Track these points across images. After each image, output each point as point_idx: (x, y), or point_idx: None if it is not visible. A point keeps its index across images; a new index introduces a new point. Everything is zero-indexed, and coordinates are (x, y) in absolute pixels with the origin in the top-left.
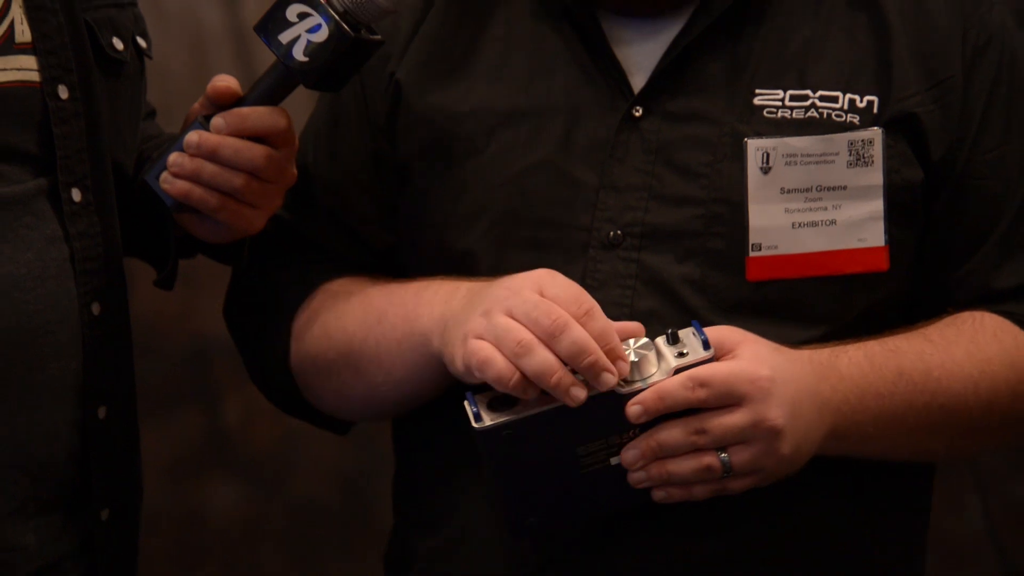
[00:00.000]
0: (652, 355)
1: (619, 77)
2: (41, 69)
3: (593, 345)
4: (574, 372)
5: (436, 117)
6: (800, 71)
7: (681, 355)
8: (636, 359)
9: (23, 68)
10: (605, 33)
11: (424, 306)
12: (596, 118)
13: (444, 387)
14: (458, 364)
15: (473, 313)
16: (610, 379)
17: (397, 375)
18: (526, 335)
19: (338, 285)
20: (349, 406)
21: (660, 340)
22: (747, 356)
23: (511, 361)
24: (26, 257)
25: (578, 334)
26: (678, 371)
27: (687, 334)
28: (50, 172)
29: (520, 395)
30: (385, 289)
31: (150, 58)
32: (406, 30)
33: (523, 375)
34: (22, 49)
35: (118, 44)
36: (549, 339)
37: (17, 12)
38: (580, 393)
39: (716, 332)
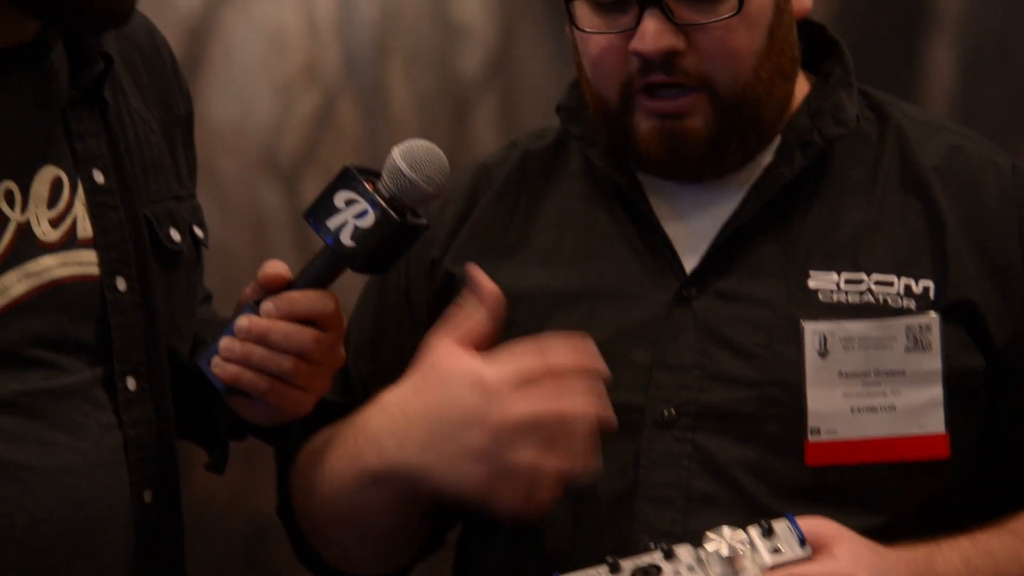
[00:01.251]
0: (747, 549)
1: (671, 257)
2: (101, 263)
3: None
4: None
5: None
6: (854, 254)
7: (776, 551)
8: (730, 554)
9: (84, 263)
10: (654, 208)
11: (365, 443)
12: (649, 298)
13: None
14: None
15: (469, 454)
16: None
17: (368, 515)
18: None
19: (312, 445)
20: (359, 561)
21: (754, 532)
22: (845, 557)
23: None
24: (82, 446)
25: (573, 406)
26: (775, 567)
27: (782, 527)
28: (107, 361)
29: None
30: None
31: (206, 247)
32: (452, 218)
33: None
34: (84, 244)
35: (175, 236)
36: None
37: (80, 209)
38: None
39: (811, 526)
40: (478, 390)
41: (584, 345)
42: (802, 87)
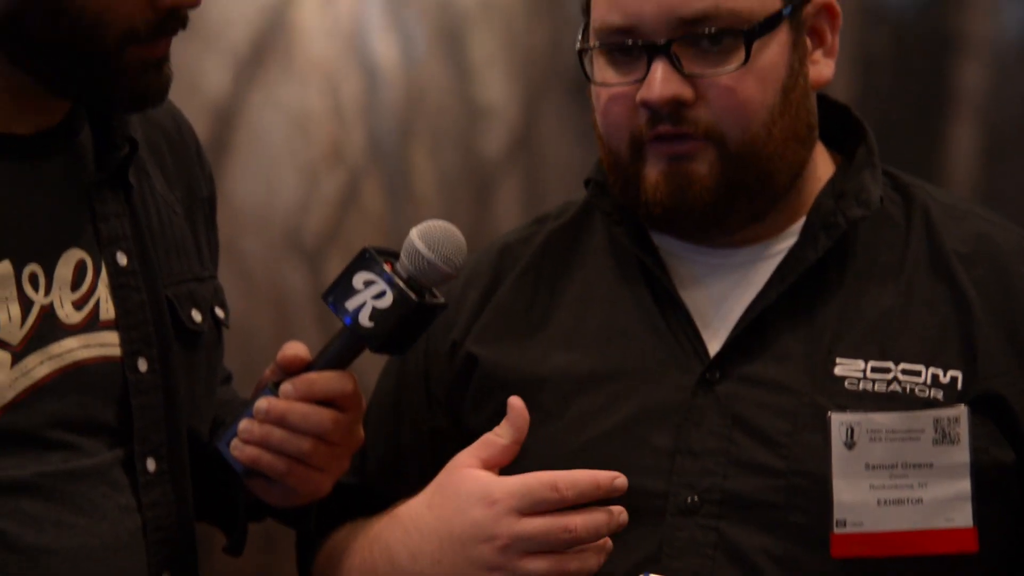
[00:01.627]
0: None
1: (694, 340)
2: (122, 344)
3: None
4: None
5: (512, 384)
6: (881, 342)
7: None
8: None
9: (106, 344)
10: (678, 287)
11: (379, 554)
12: (671, 381)
13: None
14: None
15: (480, 568)
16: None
17: None
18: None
19: (328, 548)
20: None
21: None
22: None
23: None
24: (100, 528)
25: (582, 519)
26: None
27: None
28: (126, 442)
29: None
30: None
31: (227, 327)
32: (474, 300)
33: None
34: (106, 326)
35: (197, 316)
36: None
37: (103, 291)
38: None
39: None
40: (486, 504)
41: (609, 481)
42: (827, 168)
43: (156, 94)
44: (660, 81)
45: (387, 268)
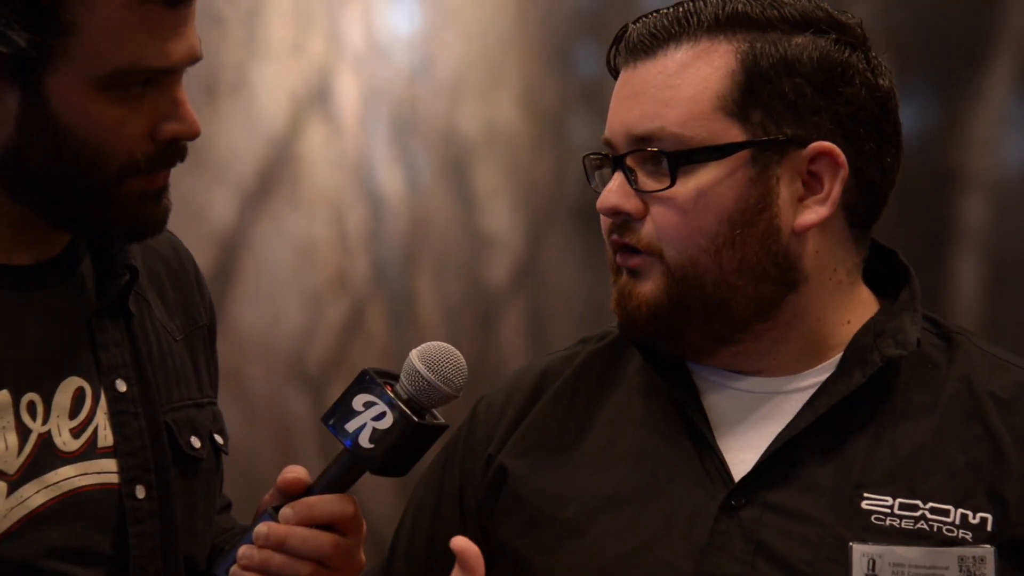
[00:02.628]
0: None
1: (720, 465)
2: (121, 471)
3: None
4: None
5: (540, 500)
6: (911, 479)
7: None
8: None
9: (104, 471)
10: (708, 411)
11: None
12: (696, 504)
13: None
14: None
15: None
16: None
17: None
18: None
19: None
20: None
21: None
22: None
23: None
24: None
25: None
26: None
27: None
28: (123, 571)
29: None
30: None
31: (227, 454)
32: (511, 417)
33: None
34: (104, 453)
35: (195, 442)
36: None
37: (102, 418)
38: None
39: None
40: None
41: None
42: (869, 307)
43: (155, 224)
44: (609, 191)
45: (387, 390)
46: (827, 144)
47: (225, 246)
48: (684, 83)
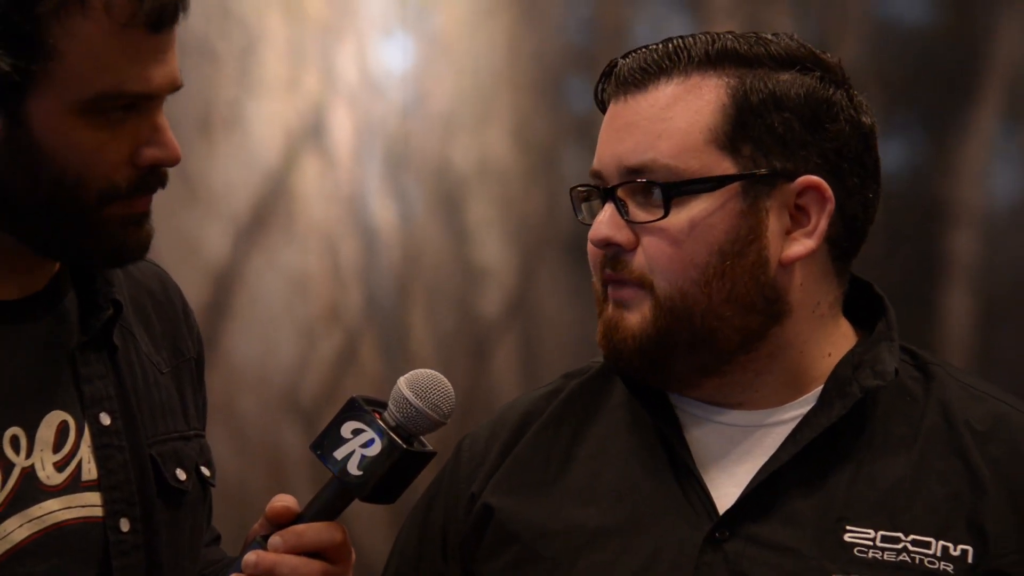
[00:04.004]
0: None
1: (704, 497)
2: (105, 504)
3: None
4: None
5: (525, 536)
6: (892, 512)
7: None
8: None
9: (87, 504)
10: (691, 445)
11: None
12: (681, 538)
13: None
14: None
15: None
16: None
17: None
18: None
19: None
20: None
21: None
22: None
23: None
24: None
25: None
26: None
27: None
28: None
29: None
30: None
31: (213, 486)
32: (496, 454)
33: None
34: (88, 487)
35: (181, 475)
36: None
37: (86, 451)
38: None
39: None
40: None
41: None
42: (848, 340)
43: (137, 249)
44: (600, 222)
45: (375, 417)
46: (814, 178)
47: (219, 279)
48: (676, 116)
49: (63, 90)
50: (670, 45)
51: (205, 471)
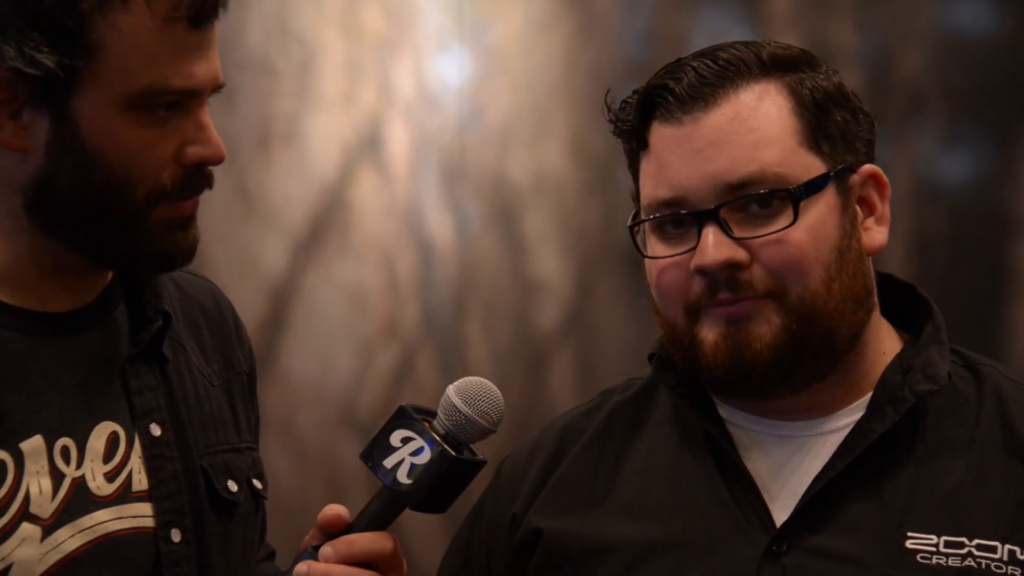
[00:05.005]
0: None
1: (760, 510)
2: (156, 514)
3: None
4: None
5: (576, 555)
6: (954, 517)
7: None
8: None
9: (138, 515)
10: (743, 458)
11: None
12: (737, 552)
13: None
14: None
15: None
16: None
17: None
18: None
19: None
20: None
21: None
22: None
23: None
24: None
25: None
26: None
27: None
28: None
29: None
30: None
31: (266, 499)
32: (536, 474)
33: None
34: (138, 497)
35: (232, 486)
36: None
37: (136, 462)
38: None
39: None
40: None
41: None
42: (894, 344)
43: (184, 253)
44: (712, 246)
45: (425, 425)
46: (873, 167)
47: (277, 294)
48: (763, 124)
49: (108, 87)
50: (720, 58)
51: (257, 484)
